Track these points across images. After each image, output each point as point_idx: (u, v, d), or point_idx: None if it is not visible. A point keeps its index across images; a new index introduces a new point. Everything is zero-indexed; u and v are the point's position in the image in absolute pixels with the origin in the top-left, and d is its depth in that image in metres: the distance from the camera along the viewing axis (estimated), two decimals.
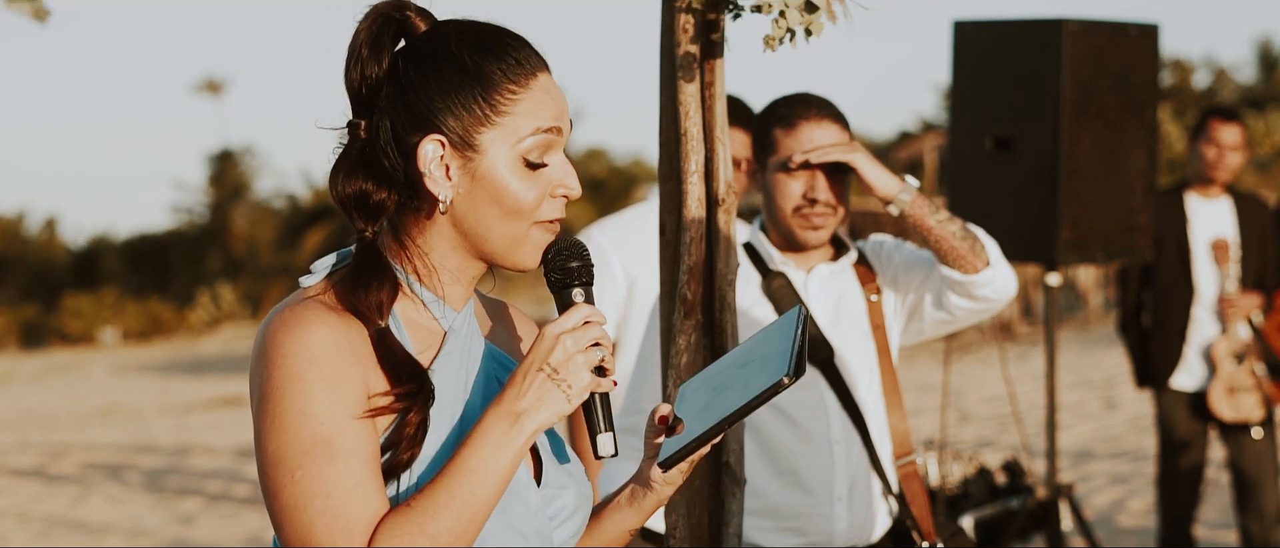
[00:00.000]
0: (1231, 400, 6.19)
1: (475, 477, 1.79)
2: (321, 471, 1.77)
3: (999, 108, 5.34)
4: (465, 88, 1.87)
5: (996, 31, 5.36)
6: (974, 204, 5.50)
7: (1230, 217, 6.37)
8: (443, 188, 1.88)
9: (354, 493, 1.77)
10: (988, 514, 5.83)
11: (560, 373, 1.82)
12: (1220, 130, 6.29)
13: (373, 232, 1.90)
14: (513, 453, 1.81)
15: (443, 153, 1.87)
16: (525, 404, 1.82)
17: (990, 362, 20.62)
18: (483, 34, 1.91)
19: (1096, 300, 30.30)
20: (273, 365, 1.80)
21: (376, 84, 1.89)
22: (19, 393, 28.68)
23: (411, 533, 1.76)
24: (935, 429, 12.62)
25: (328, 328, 1.82)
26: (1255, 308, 6.27)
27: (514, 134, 1.88)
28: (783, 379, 1.85)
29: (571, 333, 1.84)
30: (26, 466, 15.80)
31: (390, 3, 1.91)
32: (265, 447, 1.80)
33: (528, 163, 1.89)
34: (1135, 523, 8.88)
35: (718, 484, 2.87)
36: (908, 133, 52.59)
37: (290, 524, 1.78)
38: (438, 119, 1.87)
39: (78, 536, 11.15)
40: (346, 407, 1.80)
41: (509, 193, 1.88)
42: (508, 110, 1.88)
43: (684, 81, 2.78)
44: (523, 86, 1.89)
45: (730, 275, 2.85)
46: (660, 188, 2.89)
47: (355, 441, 1.79)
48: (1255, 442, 6.24)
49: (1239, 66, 45.77)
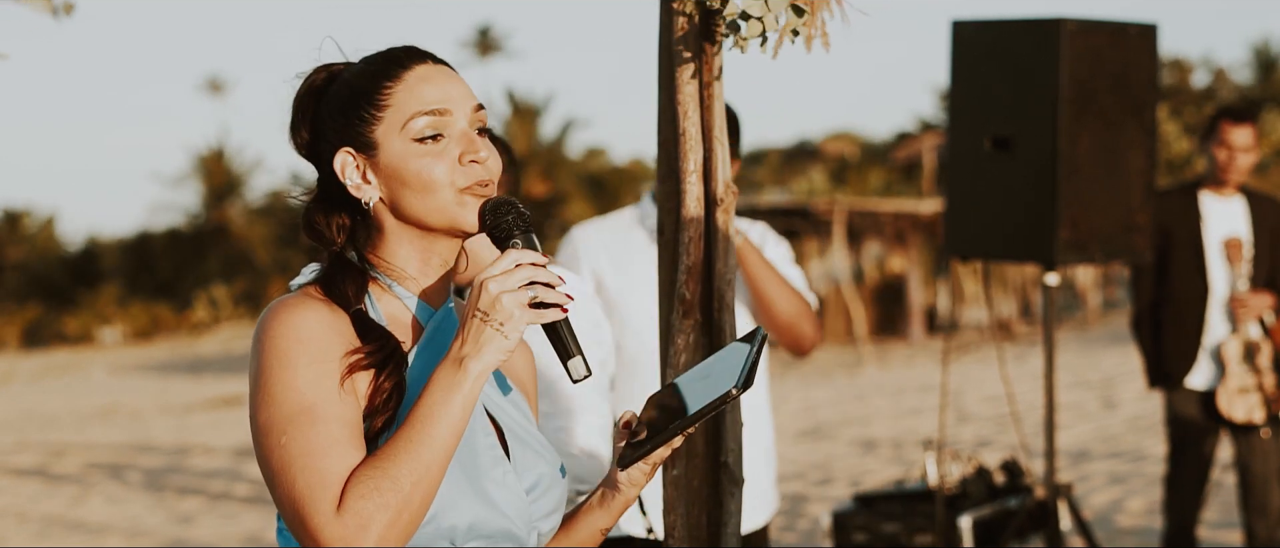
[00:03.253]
0: (1241, 401, 6.18)
1: (428, 421, 1.96)
2: (304, 434, 1.95)
3: (997, 108, 5.35)
4: (353, 101, 2.11)
5: (995, 31, 5.36)
6: (972, 204, 5.51)
7: (1244, 216, 6.35)
8: (365, 191, 2.11)
9: (331, 450, 1.95)
10: (986, 514, 5.83)
11: (490, 315, 1.98)
12: (1232, 132, 6.25)
13: (338, 246, 2.14)
14: (461, 396, 1.97)
15: (355, 161, 2.11)
16: (467, 349, 1.98)
17: (989, 362, 20.63)
18: (369, 57, 2.15)
19: (1095, 301, 30.32)
20: (264, 348, 2.00)
21: (310, 141, 2.16)
22: (19, 393, 28.67)
23: (374, 478, 1.93)
24: (934, 429, 12.63)
25: (313, 313, 2.03)
26: (1267, 308, 6.25)
27: (399, 121, 2.09)
28: (731, 390, 2.02)
29: (496, 277, 1.99)
30: (26, 465, 15.80)
31: (315, 70, 2.17)
32: (257, 419, 1.99)
33: (419, 141, 2.08)
34: (1134, 523, 8.89)
35: (716, 484, 2.87)
36: (906, 133, 52.62)
37: (278, 485, 1.96)
38: (342, 136, 2.12)
39: (77, 535, 11.15)
40: (328, 378, 1.99)
41: (410, 171, 2.08)
42: (388, 103, 2.09)
43: (682, 81, 2.78)
44: (397, 80, 2.10)
45: (729, 275, 2.85)
46: (659, 187, 2.89)
47: (336, 407, 1.98)
48: (1263, 442, 6.23)
49: (1236, 68, 45.74)
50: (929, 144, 38.62)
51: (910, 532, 5.87)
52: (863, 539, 5.96)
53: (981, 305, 29.01)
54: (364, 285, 2.10)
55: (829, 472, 11.70)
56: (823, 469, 11.85)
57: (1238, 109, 6.36)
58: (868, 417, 15.45)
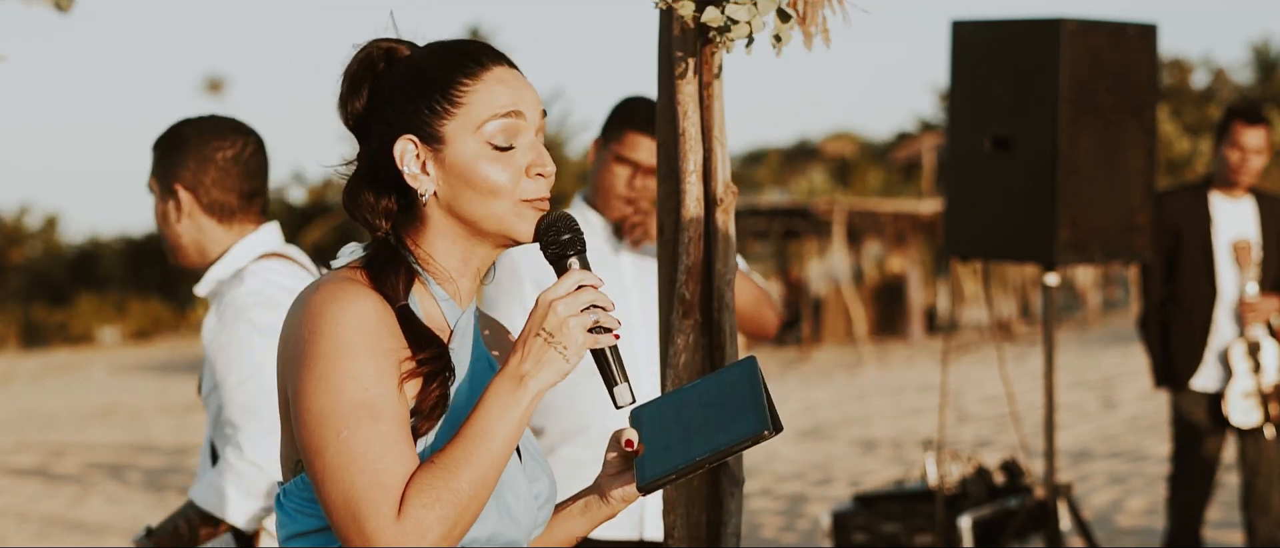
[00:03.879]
0: (1247, 404, 6.17)
1: (488, 436, 1.94)
2: (365, 431, 1.92)
3: (997, 108, 5.35)
4: (424, 89, 2.06)
5: (995, 31, 5.36)
6: (972, 204, 5.51)
7: (1253, 217, 6.33)
8: (422, 183, 2.06)
9: (391, 451, 1.92)
10: (986, 514, 5.83)
11: (555, 336, 1.97)
12: (1244, 134, 6.21)
13: (384, 232, 2.09)
14: (519, 414, 1.96)
15: (416, 151, 2.06)
16: (527, 367, 1.96)
17: (988, 362, 20.62)
18: (443, 44, 2.11)
19: (1095, 301, 30.31)
20: (319, 331, 1.95)
21: (362, 115, 2.10)
22: (19, 393, 28.67)
23: (437, 488, 1.91)
24: (934, 429, 12.62)
25: (370, 301, 1.99)
26: (1275, 311, 6.24)
27: (473, 121, 2.05)
28: (764, 432, 2.02)
29: (563, 299, 1.98)
30: (26, 465, 15.80)
31: (371, 42, 2.11)
32: (310, 405, 1.94)
33: (493, 146, 2.05)
34: (1134, 523, 8.88)
35: (716, 484, 2.87)
36: (906, 133, 52.60)
37: (333, 481, 1.92)
38: (406, 122, 2.06)
39: (77, 535, 11.15)
40: (388, 375, 1.96)
41: (478, 175, 2.04)
42: (464, 101, 2.05)
43: (682, 82, 2.78)
44: (475, 78, 2.06)
45: (729, 275, 2.85)
46: (659, 188, 2.89)
47: (394, 405, 1.95)
48: (1268, 443, 6.22)
49: (1236, 68, 45.74)
50: (929, 144, 38.60)
51: (910, 532, 5.88)
52: (863, 539, 5.96)
53: (981, 305, 29.01)
54: (412, 280, 2.06)
55: (829, 472, 11.70)
56: (823, 469, 11.86)
57: (1251, 111, 6.31)
58: (868, 417, 15.45)
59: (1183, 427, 6.29)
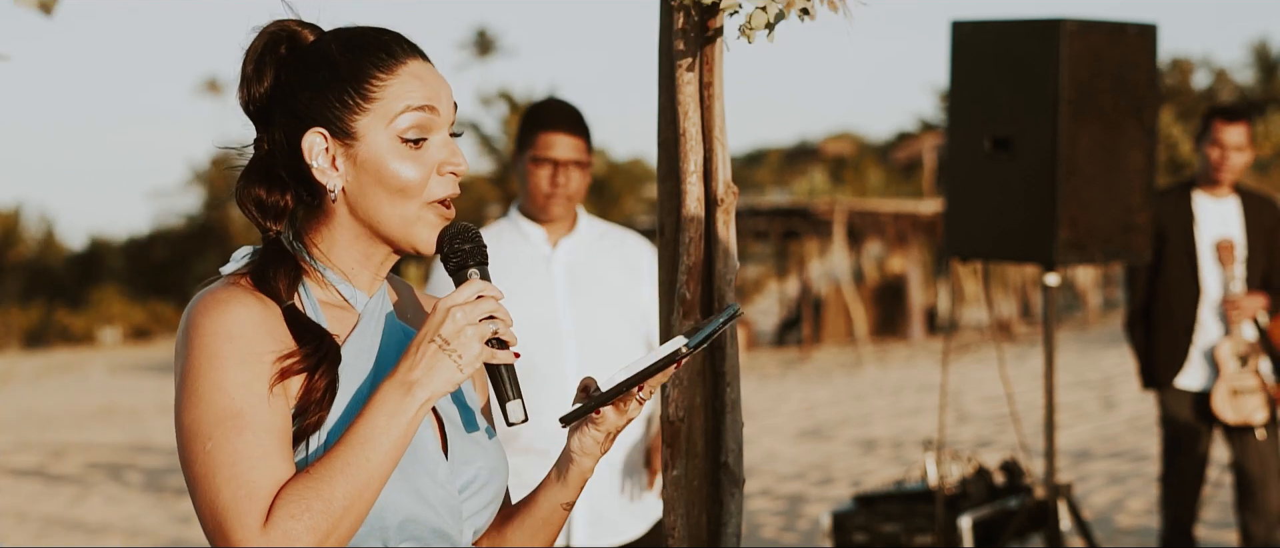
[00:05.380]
0: (1235, 402, 6.18)
1: (370, 444, 1.89)
2: (231, 441, 1.88)
3: (997, 108, 5.35)
4: (336, 81, 2.01)
5: (994, 31, 5.36)
6: (972, 204, 5.51)
7: (1237, 216, 6.34)
8: (330, 178, 2.01)
9: (259, 463, 1.88)
10: (986, 514, 5.83)
11: (451, 343, 1.91)
12: (1224, 131, 6.24)
13: (277, 231, 2.04)
14: (406, 421, 1.90)
15: (326, 145, 2.01)
16: (417, 374, 1.91)
17: (988, 362, 20.63)
18: (354, 33, 2.05)
19: (1095, 301, 30.33)
20: (192, 344, 1.93)
21: (264, 99, 2.04)
22: (19, 393, 28.66)
23: (307, 498, 1.86)
24: (934, 429, 12.63)
25: (243, 308, 1.94)
26: (1260, 309, 6.25)
27: (386, 115, 2.00)
28: (680, 348, 1.96)
29: (462, 306, 1.92)
30: (26, 465, 15.80)
31: (274, 22, 2.06)
32: (182, 420, 1.91)
33: (405, 140, 2.00)
34: (1133, 523, 8.89)
35: (717, 484, 2.87)
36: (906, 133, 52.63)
37: (200, 492, 1.89)
38: (316, 115, 2.01)
39: (76, 535, 11.15)
40: (258, 382, 1.91)
41: (390, 171, 1.99)
42: (377, 95, 2.00)
43: (682, 82, 2.78)
44: (390, 72, 2.01)
45: (729, 275, 2.85)
46: (659, 188, 2.89)
47: (265, 414, 1.90)
48: (1259, 442, 6.22)
49: (1236, 68, 45.77)
50: (929, 144, 38.63)
51: (910, 532, 5.88)
52: (863, 539, 5.96)
53: (981, 305, 29.02)
54: (297, 279, 2.01)
55: (829, 472, 11.70)
56: (822, 469, 11.86)
57: (1230, 108, 6.36)
58: (867, 417, 15.45)
59: (1170, 426, 6.31)
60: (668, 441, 2.81)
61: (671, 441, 2.80)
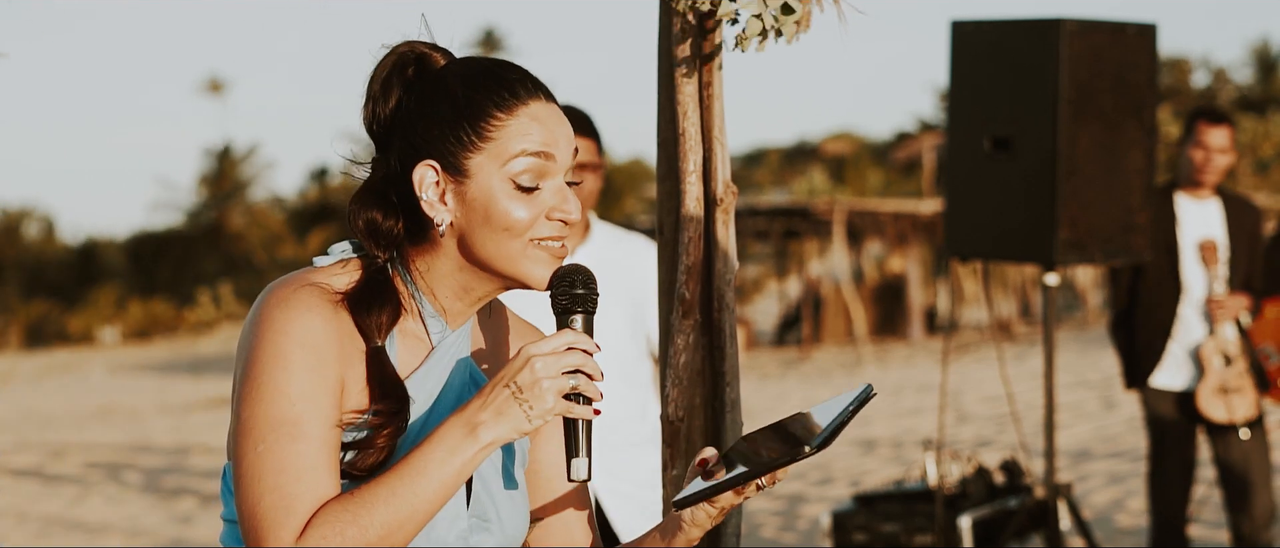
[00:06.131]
0: (1221, 402, 6.18)
1: (422, 478, 1.86)
2: (283, 447, 1.86)
3: (997, 108, 5.35)
4: (454, 117, 1.96)
5: (994, 31, 5.36)
6: (972, 204, 5.51)
7: (1219, 218, 6.35)
8: (439, 212, 1.96)
9: (307, 475, 1.86)
10: (986, 514, 5.83)
11: (525, 393, 1.87)
12: (1208, 133, 6.25)
13: (385, 258, 1.99)
14: (463, 460, 1.87)
15: (437, 179, 1.96)
16: (484, 417, 1.87)
17: (988, 362, 20.63)
18: (478, 68, 2.00)
19: (1095, 300, 30.32)
20: (262, 337, 1.89)
21: (387, 121, 2.00)
22: (19, 393, 28.67)
23: (344, 522, 1.84)
24: (933, 429, 12.62)
25: (321, 319, 1.91)
26: (1243, 309, 6.26)
27: (501, 157, 1.95)
28: (804, 449, 1.88)
29: (544, 357, 1.88)
30: (26, 465, 15.80)
31: (405, 43, 2.01)
32: (240, 411, 1.89)
33: (518, 186, 1.95)
34: (1133, 523, 8.89)
35: None
36: (906, 133, 52.61)
37: (244, 490, 1.87)
38: (431, 147, 1.96)
39: (76, 535, 11.15)
40: (321, 395, 1.88)
41: (497, 211, 1.94)
42: (493, 136, 1.95)
43: (682, 82, 2.78)
44: (509, 113, 1.96)
45: (729, 275, 2.85)
46: (658, 188, 2.89)
47: (320, 428, 1.88)
48: (1243, 442, 6.23)
49: (1235, 67, 45.79)
50: (929, 144, 38.61)
51: (910, 532, 5.88)
52: (862, 539, 5.97)
53: (981, 305, 29.02)
54: (396, 317, 1.96)
55: (828, 472, 11.70)
56: (822, 469, 11.86)
57: (1214, 110, 6.38)
58: (867, 417, 15.45)
59: (1155, 426, 6.31)
60: (667, 441, 2.80)
61: (671, 440, 2.80)
